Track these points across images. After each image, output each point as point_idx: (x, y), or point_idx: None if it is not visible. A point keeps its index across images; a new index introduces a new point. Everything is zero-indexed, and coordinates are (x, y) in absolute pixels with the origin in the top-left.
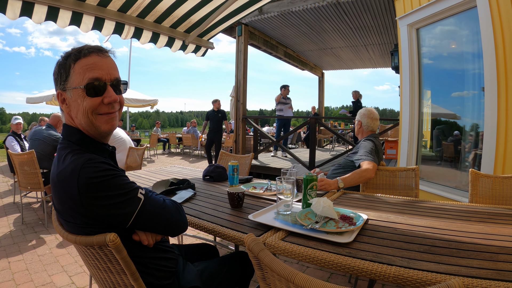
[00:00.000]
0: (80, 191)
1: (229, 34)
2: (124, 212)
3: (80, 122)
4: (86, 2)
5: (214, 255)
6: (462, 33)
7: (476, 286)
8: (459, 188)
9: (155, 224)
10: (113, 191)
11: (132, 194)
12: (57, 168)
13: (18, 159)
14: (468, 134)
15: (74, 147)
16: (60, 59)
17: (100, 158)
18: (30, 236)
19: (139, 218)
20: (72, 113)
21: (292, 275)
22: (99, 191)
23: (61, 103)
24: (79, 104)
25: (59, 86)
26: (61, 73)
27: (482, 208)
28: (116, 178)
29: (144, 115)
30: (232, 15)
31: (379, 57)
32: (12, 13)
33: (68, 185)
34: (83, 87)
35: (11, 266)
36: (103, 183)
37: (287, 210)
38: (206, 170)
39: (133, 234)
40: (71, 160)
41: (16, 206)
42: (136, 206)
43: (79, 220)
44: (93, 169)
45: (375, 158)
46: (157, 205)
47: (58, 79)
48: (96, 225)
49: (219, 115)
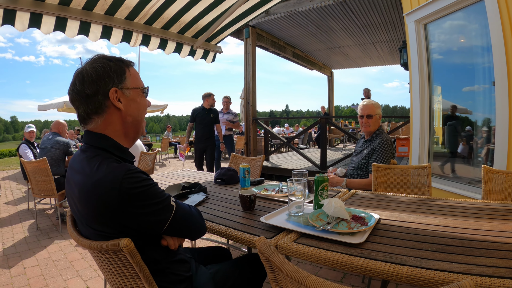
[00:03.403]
0: (121, 200)
1: (237, 37)
2: (160, 219)
3: (131, 120)
4: (93, 11)
5: (227, 258)
6: (471, 27)
7: (489, 284)
8: (472, 185)
9: (183, 229)
10: (152, 200)
11: (167, 202)
12: (90, 176)
13: (30, 166)
14: (480, 129)
15: (105, 155)
16: (104, 62)
17: (137, 168)
18: (44, 241)
19: (172, 224)
20: (130, 110)
21: (303, 277)
22: (140, 200)
23: (115, 101)
24: (139, 103)
25: (113, 84)
26: (115, 73)
27: (495, 204)
28: (153, 187)
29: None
30: (239, 19)
31: (387, 54)
32: (20, 24)
33: (107, 194)
34: (141, 88)
35: (27, 272)
36: (143, 192)
37: (299, 212)
38: (217, 173)
39: (162, 240)
40: (109, 169)
41: (30, 213)
42: (170, 213)
43: (109, 228)
44: (134, 179)
45: None
46: (185, 211)
47: (112, 78)
48: (127, 233)
49: (211, 115)
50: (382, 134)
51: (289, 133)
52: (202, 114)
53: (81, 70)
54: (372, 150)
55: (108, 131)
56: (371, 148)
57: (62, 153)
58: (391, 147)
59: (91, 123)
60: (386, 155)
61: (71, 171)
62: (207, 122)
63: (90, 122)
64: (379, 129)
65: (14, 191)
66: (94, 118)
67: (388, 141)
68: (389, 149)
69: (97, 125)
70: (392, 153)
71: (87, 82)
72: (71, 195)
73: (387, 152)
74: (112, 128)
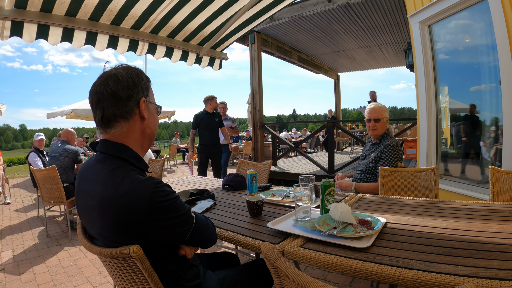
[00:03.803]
0: (149, 213)
1: (242, 43)
2: (182, 230)
3: (149, 132)
4: (99, 21)
5: (235, 263)
6: (476, 26)
7: (495, 287)
8: (481, 185)
9: (201, 239)
10: (177, 212)
11: (189, 214)
12: (114, 188)
13: (40, 174)
14: (488, 128)
15: (127, 166)
16: (138, 72)
17: (162, 181)
18: (54, 248)
19: (192, 234)
20: (149, 122)
21: (307, 283)
22: (166, 213)
23: (143, 110)
24: (155, 117)
25: (142, 94)
26: (145, 85)
27: (503, 206)
28: (177, 200)
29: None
30: (244, 25)
31: (393, 56)
32: (28, 36)
33: (134, 206)
34: (158, 106)
35: (37, 278)
36: (170, 205)
37: (305, 217)
38: (225, 179)
39: (180, 250)
40: (136, 182)
41: (40, 220)
42: (191, 224)
43: (128, 240)
44: (162, 193)
45: None
46: (203, 222)
47: (143, 89)
48: (146, 245)
49: (216, 119)
50: (389, 137)
51: (297, 137)
52: (207, 119)
53: (114, 72)
54: (380, 154)
55: (128, 140)
56: (378, 152)
57: (71, 161)
58: (398, 150)
59: (115, 128)
60: (393, 158)
61: (86, 181)
62: (213, 126)
63: (115, 126)
64: (386, 133)
65: (24, 198)
66: (120, 123)
67: (395, 145)
68: (396, 152)
69: (121, 131)
70: (399, 156)
71: (123, 85)
72: (84, 205)
73: (394, 156)
74: (133, 137)
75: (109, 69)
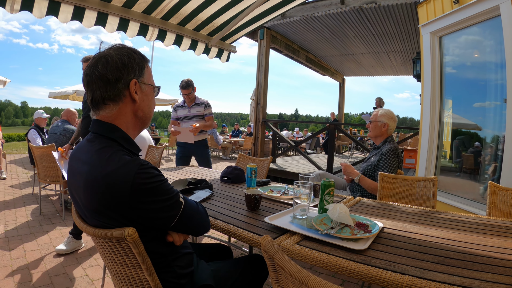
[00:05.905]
0: (132, 195)
1: (251, 37)
2: (168, 215)
3: (142, 115)
4: (111, 3)
5: (228, 256)
6: (486, 42)
7: None
8: (477, 201)
9: (190, 225)
10: (162, 196)
11: (176, 198)
12: (99, 168)
13: (38, 152)
14: (489, 145)
15: (115, 146)
16: (129, 52)
17: (149, 163)
18: (46, 227)
19: (179, 220)
20: (142, 104)
21: (306, 278)
22: (151, 196)
23: (133, 92)
24: (150, 99)
25: (134, 76)
26: (138, 65)
27: (500, 221)
28: (164, 183)
29: (164, 114)
30: (255, 20)
31: (400, 65)
32: (38, 11)
33: (118, 187)
34: (155, 86)
35: (27, 255)
36: (155, 188)
37: (303, 215)
38: (224, 171)
39: (167, 236)
40: (121, 162)
41: (35, 198)
42: (178, 209)
43: (114, 221)
44: (147, 175)
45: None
46: (193, 208)
47: (134, 70)
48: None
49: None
50: (390, 142)
51: (297, 137)
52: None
53: (105, 54)
54: (379, 158)
55: (119, 121)
56: (378, 156)
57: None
58: (397, 155)
59: (104, 110)
60: (391, 163)
61: (76, 161)
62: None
63: (104, 108)
64: (388, 138)
65: (20, 175)
66: (109, 105)
67: (394, 149)
68: (394, 156)
69: (110, 113)
70: (398, 162)
71: (111, 67)
72: (74, 185)
73: (392, 160)
74: (124, 119)
75: (103, 50)
